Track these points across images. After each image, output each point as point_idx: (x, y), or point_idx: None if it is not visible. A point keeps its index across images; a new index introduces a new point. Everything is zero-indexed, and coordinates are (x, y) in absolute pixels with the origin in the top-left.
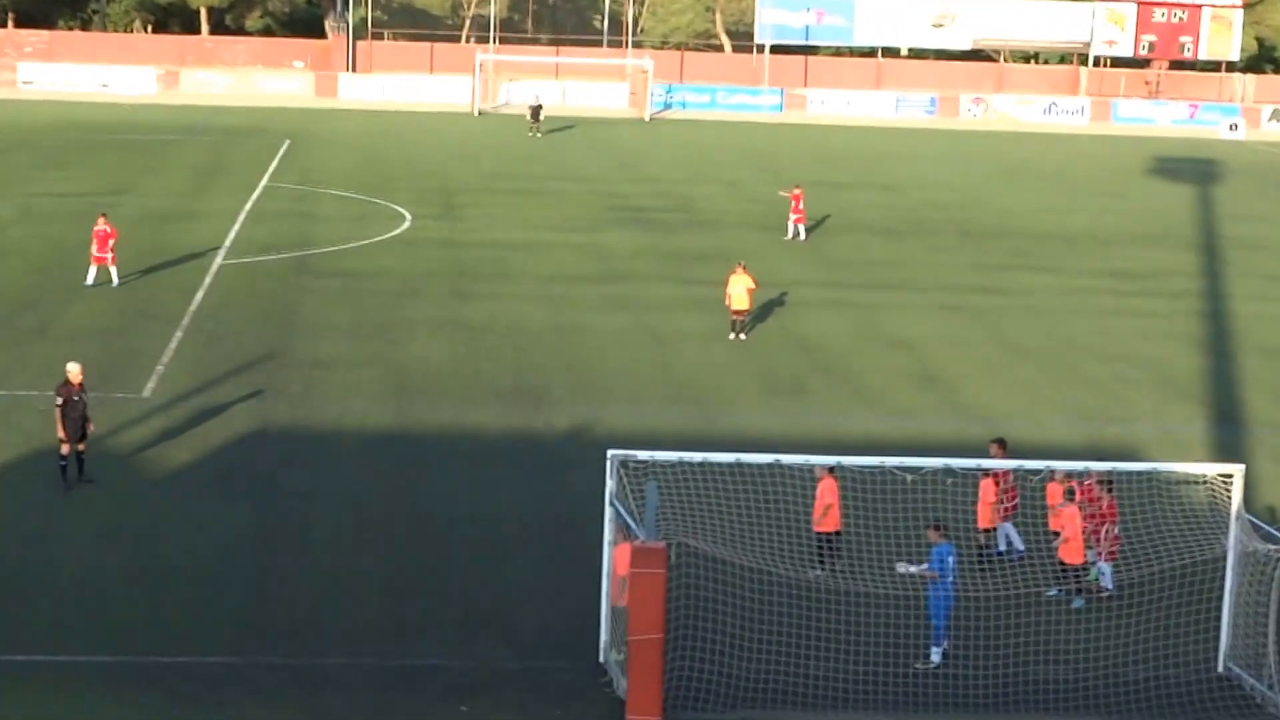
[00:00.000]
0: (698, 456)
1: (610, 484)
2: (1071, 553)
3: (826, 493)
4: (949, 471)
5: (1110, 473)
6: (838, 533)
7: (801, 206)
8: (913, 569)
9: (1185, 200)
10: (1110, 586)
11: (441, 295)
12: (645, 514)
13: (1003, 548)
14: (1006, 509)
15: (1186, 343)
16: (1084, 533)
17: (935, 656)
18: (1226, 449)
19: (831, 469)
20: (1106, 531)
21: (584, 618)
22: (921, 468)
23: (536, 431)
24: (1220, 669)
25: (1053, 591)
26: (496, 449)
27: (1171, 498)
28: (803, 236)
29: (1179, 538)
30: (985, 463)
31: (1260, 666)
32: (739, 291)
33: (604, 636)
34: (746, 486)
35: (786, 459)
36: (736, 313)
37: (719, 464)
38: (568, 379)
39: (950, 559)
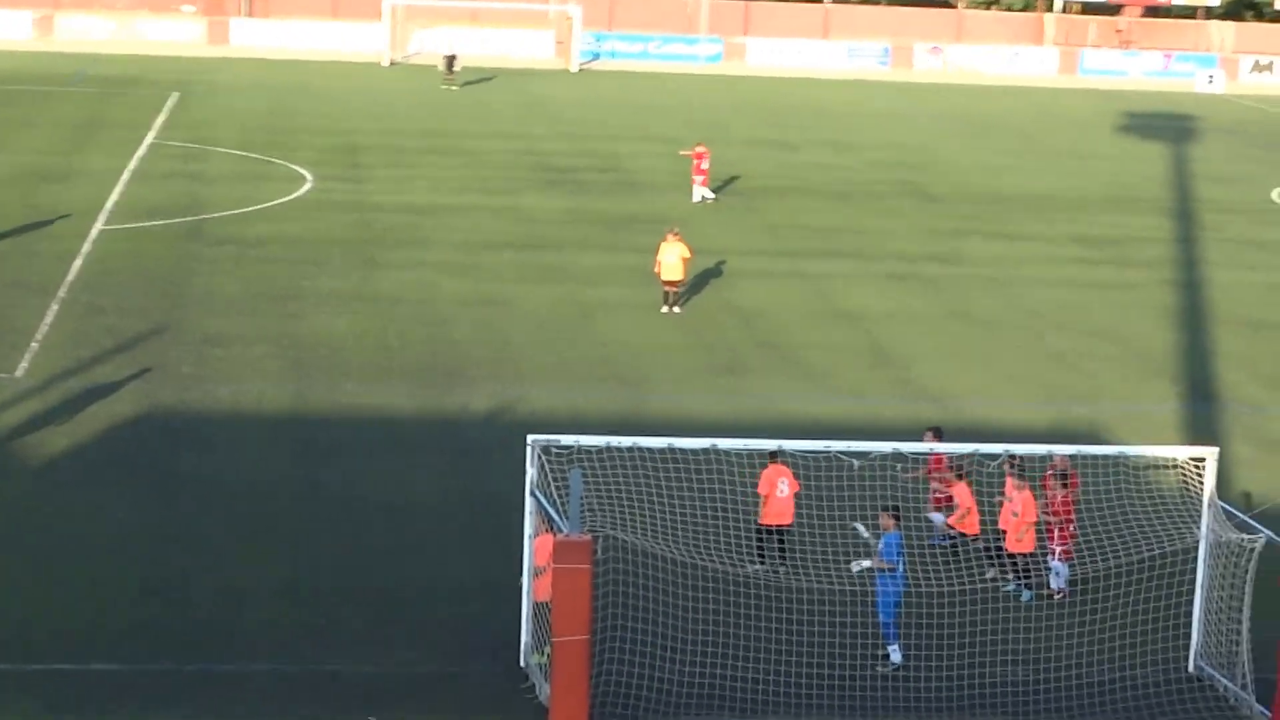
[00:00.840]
0: (626, 441)
1: (531, 472)
2: (1021, 541)
3: (770, 481)
4: (899, 456)
5: (1075, 457)
6: (788, 527)
7: (705, 166)
8: (866, 563)
9: (1158, 159)
10: (1063, 586)
11: (347, 264)
12: (570, 504)
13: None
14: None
15: (1159, 315)
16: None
17: (895, 656)
18: (1201, 429)
19: (775, 454)
20: (1060, 529)
21: (504, 618)
22: (870, 453)
23: (452, 414)
24: (1191, 668)
25: (1010, 586)
26: (408, 433)
27: (1140, 483)
28: (710, 197)
29: (1147, 527)
30: (939, 447)
31: (1233, 665)
32: (672, 260)
33: (525, 638)
34: (680, 474)
35: (724, 443)
36: (669, 283)
37: (650, 449)
38: (486, 356)
39: (899, 549)
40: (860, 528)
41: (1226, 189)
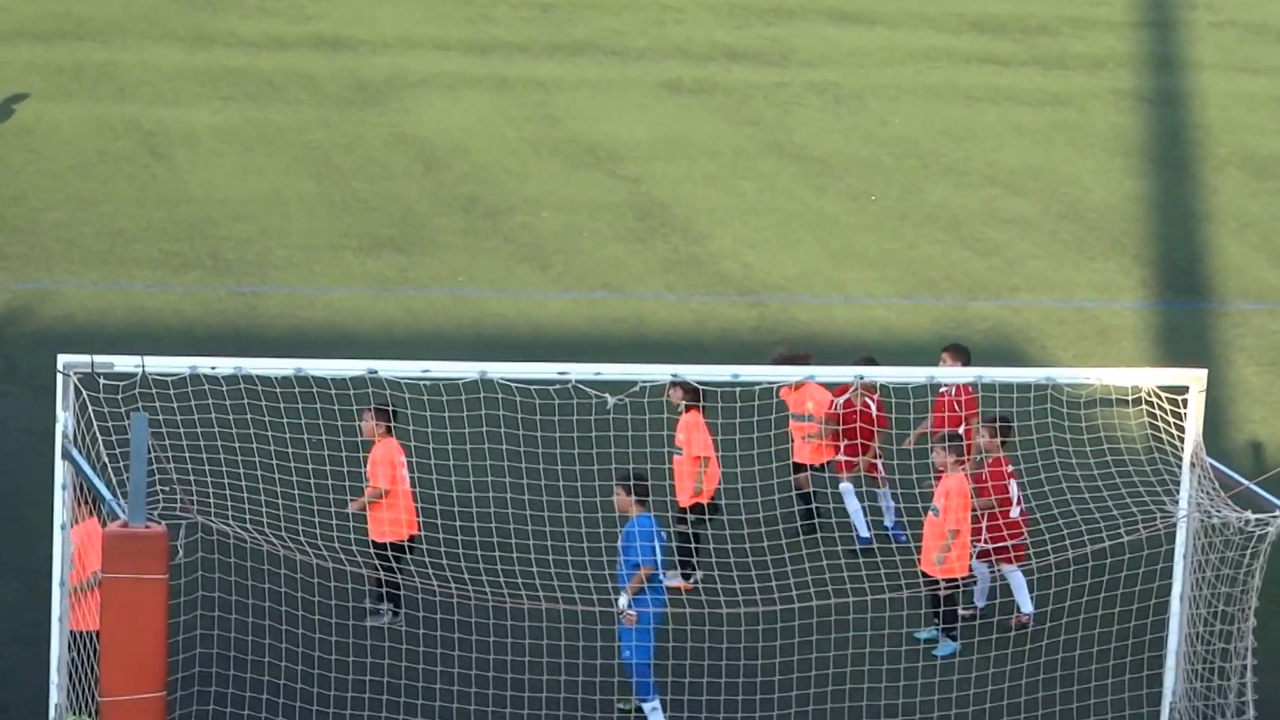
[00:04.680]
0: (223, 364)
1: (64, 418)
2: (952, 558)
3: (691, 429)
4: (687, 390)
5: (974, 386)
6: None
7: None
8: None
9: None
10: (981, 604)
11: None
12: (130, 471)
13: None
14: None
15: (1109, 150)
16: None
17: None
18: (1179, 341)
19: (680, 386)
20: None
21: (18, 659)
22: (640, 382)
23: None
24: None
25: (924, 634)
26: None
27: (1079, 429)
28: None
29: (1091, 503)
30: (778, 371)
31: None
32: None
33: (55, 695)
34: (315, 417)
35: (394, 367)
36: None
37: (266, 376)
38: None
39: (656, 543)
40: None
41: None
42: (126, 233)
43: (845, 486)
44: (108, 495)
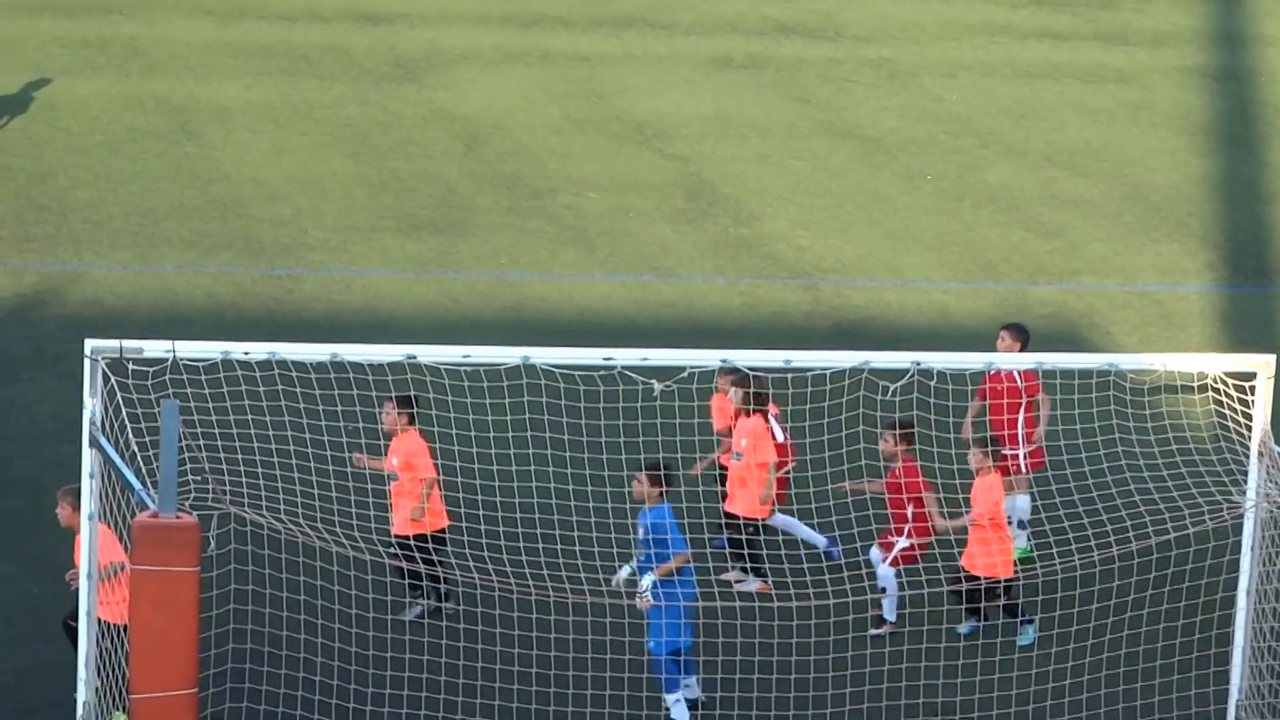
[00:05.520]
0: (256, 349)
1: (91, 405)
2: (989, 554)
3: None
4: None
5: (1036, 374)
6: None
7: None
8: (624, 572)
9: None
10: (891, 618)
11: None
12: (161, 461)
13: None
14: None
15: (1174, 128)
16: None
17: (680, 714)
18: (1246, 324)
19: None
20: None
21: (42, 657)
22: (686, 368)
23: None
24: None
25: (964, 628)
26: None
27: (1144, 417)
28: None
29: (1155, 494)
30: (816, 357)
31: None
32: None
33: (83, 692)
34: (354, 405)
35: (433, 352)
36: None
37: (301, 362)
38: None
39: (675, 531)
40: (625, 571)
41: None
42: (156, 213)
43: (778, 518)
44: (137, 485)
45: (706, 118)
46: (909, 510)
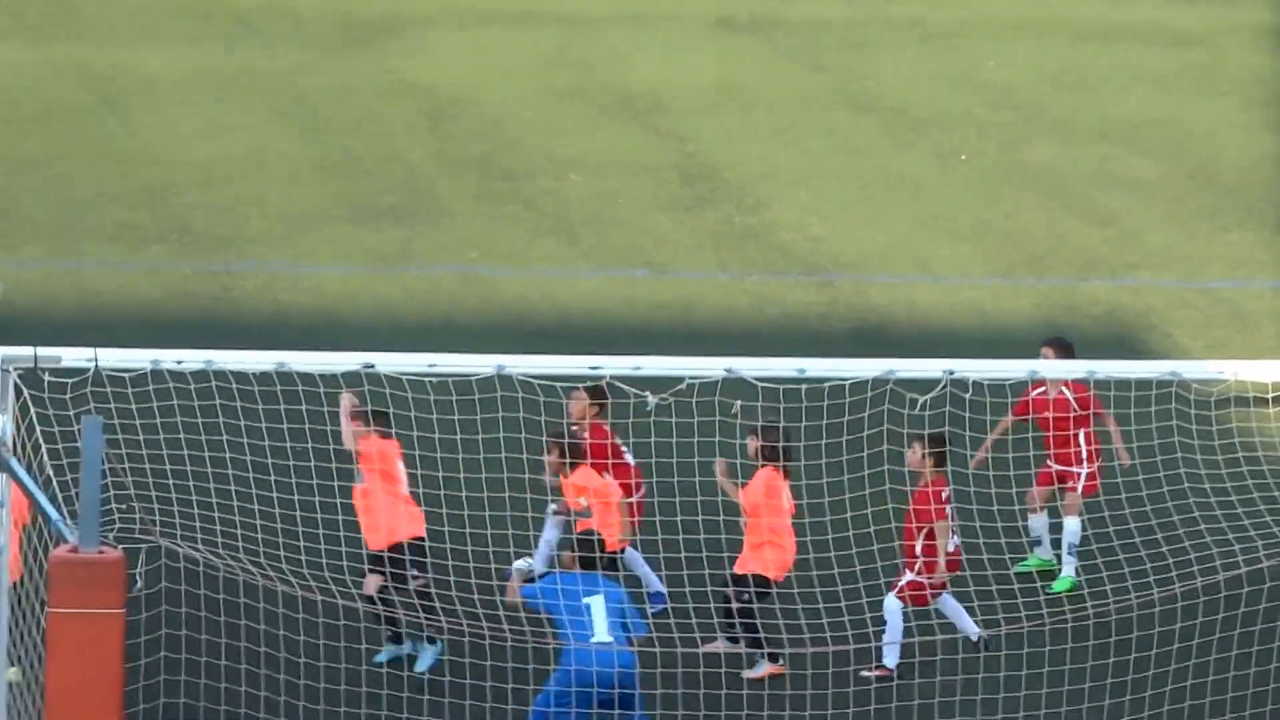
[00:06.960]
0: (191, 357)
1: (1, 422)
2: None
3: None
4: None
5: (1087, 383)
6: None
7: None
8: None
9: None
10: (892, 664)
11: None
12: (81, 484)
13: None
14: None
15: (1246, 99)
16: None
17: None
18: None
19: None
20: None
21: None
22: (689, 378)
23: None
24: None
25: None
26: None
27: (1211, 433)
28: None
29: (1223, 522)
30: (836, 365)
31: None
32: None
33: None
34: (303, 418)
35: (394, 360)
36: None
37: (242, 370)
38: None
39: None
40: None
41: None
42: (75, 200)
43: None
44: (53, 514)
45: (707, 89)
46: (918, 542)
